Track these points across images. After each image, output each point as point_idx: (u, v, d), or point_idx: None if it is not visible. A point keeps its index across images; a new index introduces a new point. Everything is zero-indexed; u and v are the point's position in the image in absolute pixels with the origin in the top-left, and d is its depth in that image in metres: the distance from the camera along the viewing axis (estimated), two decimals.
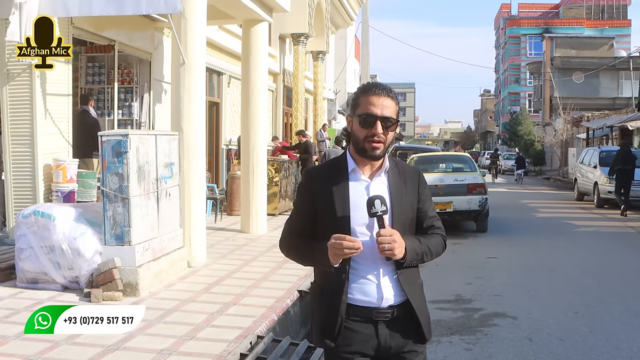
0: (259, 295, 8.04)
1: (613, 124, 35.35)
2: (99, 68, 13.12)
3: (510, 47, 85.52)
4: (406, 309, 3.15)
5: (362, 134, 3.10)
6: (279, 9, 14.00)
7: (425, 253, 3.17)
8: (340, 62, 39.43)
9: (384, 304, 3.12)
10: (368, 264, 3.11)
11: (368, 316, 3.12)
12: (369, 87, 3.16)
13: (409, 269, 3.16)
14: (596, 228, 17.51)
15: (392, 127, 3.12)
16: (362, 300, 3.12)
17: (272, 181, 16.06)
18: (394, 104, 3.13)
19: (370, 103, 3.09)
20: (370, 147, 3.08)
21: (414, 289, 3.19)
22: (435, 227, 3.29)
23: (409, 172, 3.27)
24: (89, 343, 5.98)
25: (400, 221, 3.13)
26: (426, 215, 3.27)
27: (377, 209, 2.97)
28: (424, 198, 3.26)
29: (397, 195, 3.16)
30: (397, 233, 3.00)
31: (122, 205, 7.69)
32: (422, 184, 3.28)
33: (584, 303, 8.98)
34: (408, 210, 3.19)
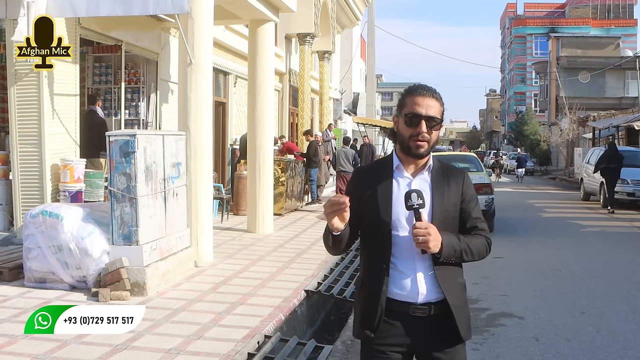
0: (266, 294, 8.06)
1: (619, 123, 35.28)
2: (106, 68, 13.15)
3: (516, 47, 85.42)
4: (444, 307, 3.18)
5: (407, 132, 3.20)
6: (286, 9, 14.02)
7: (465, 251, 3.20)
8: (346, 62, 39.45)
9: (420, 299, 3.16)
10: (406, 258, 3.18)
11: (405, 311, 3.18)
12: (414, 88, 3.25)
13: (448, 266, 3.20)
14: (602, 228, 17.47)
15: (436, 126, 3.20)
16: (400, 294, 3.18)
17: (279, 181, 16.08)
18: (438, 105, 3.21)
19: (415, 103, 3.18)
20: (415, 146, 3.18)
21: (453, 287, 3.22)
22: (479, 229, 3.32)
23: (453, 172, 3.34)
24: (97, 342, 6.00)
25: (440, 218, 3.18)
26: (470, 216, 3.32)
27: (414, 201, 3.06)
28: (468, 199, 3.32)
29: (438, 193, 3.23)
30: (433, 227, 3.06)
31: (130, 205, 7.71)
32: (467, 185, 3.34)
33: (590, 303, 8.97)
34: (450, 208, 3.24)
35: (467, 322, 3.30)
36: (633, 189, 22.22)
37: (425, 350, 3.23)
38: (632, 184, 22.28)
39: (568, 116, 48.68)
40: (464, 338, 3.24)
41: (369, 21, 46.24)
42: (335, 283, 9.12)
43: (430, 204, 3.18)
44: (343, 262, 10.58)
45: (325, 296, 8.70)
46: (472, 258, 3.25)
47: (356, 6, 30.01)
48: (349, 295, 8.75)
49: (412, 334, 3.20)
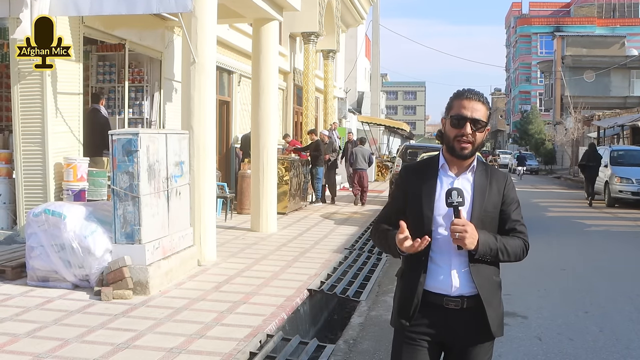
0: (268, 294, 8.05)
1: (624, 122, 35.23)
2: (110, 67, 13.14)
3: (521, 46, 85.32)
4: (477, 302, 3.31)
5: (453, 133, 3.32)
6: (290, 8, 14.01)
7: (501, 251, 3.31)
8: (351, 61, 39.43)
9: (454, 292, 3.29)
10: (443, 253, 3.30)
11: (439, 303, 3.30)
12: (462, 92, 3.38)
13: (484, 264, 3.33)
14: (607, 227, 17.44)
15: (481, 129, 3.31)
16: (435, 287, 3.31)
17: (282, 180, 16.08)
18: (484, 109, 3.33)
19: (461, 106, 3.31)
20: (459, 147, 3.30)
21: (486, 283, 3.35)
22: (517, 231, 3.41)
23: (496, 174, 3.44)
24: (99, 341, 6.01)
25: (479, 217, 3.30)
26: (509, 218, 3.41)
27: (454, 199, 3.17)
28: (509, 201, 3.41)
29: (479, 193, 3.34)
30: (470, 225, 3.18)
31: (133, 203, 7.71)
32: (509, 187, 3.44)
33: (594, 303, 8.95)
34: (490, 208, 3.35)
35: (500, 319, 3.45)
36: (638, 188, 22.19)
37: (455, 342, 3.37)
38: (636, 183, 22.25)
39: (573, 115, 48.59)
40: (494, 334, 3.39)
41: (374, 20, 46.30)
42: (339, 282, 9.11)
43: (470, 203, 3.31)
44: (346, 261, 10.57)
45: (328, 295, 8.69)
46: (507, 258, 3.37)
47: (361, 5, 29.96)
48: (352, 294, 8.75)
49: (445, 325, 3.32)
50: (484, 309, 3.31)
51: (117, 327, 6.50)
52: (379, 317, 8.05)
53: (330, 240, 12.53)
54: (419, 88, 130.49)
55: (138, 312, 7.07)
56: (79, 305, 7.24)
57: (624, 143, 35.96)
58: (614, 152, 24.86)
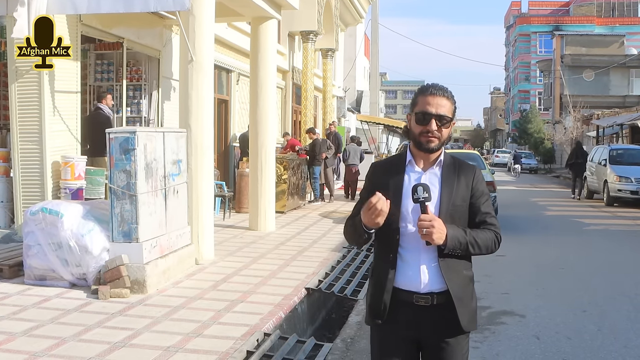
0: (266, 292, 8.04)
1: (623, 122, 35.21)
2: (108, 65, 13.12)
3: (520, 45, 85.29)
4: (447, 298, 3.28)
5: (418, 130, 3.33)
6: (288, 7, 13.99)
7: (471, 244, 3.28)
8: (350, 60, 39.40)
9: (424, 289, 3.28)
10: (411, 249, 3.30)
11: (409, 300, 3.30)
12: (426, 87, 3.39)
13: (454, 258, 3.29)
14: (606, 226, 17.43)
15: (446, 124, 3.32)
16: (405, 283, 3.30)
17: (281, 179, 16.06)
18: (449, 104, 3.34)
19: (426, 102, 3.32)
20: (426, 141, 3.30)
21: (457, 279, 3.31)
22: (487, 223, 3.40)
23: (464, 168, 3.44)
24: (96, 340, 6.00)
25: (447, 212, 3.29)
26: (479, 211, 3.39)
27: (419, 194, 3.17)
28: (478, 194, 3.40)
29: (447, 187, 3.33)
30: (438, 220, 3.16)
31: (130, 202, 7.70)
32: (478, 180, 3.42)
33: (592, 302, 8.94)
34: (458, 202, 3.34)
35: (471, 314, 3.38)
36: (636, 187, 22.19)
37: (428, 338, 3.35)
38: (635, 182, 22.25)
39: (572, 114, 48.58)
40: (465, 329, 3.34)
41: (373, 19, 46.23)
42: (337, 281, 9.10)
43: (438, 198, 3.29)
44: (344, 260, 10.56)
45: (326, 294, 8.68)
46: (479, 251, 3.33)
47: (359, 4, 29.93)
48: (350, 293, 8.73)
49: (417, 322, 3.31)
50: (453, 304, 3.27)
51: (114, 325, 6.49)
52: None
53: (329, 239, 12.51)
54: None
55: (135, 310, 7.06)
56: (76, 304, 7.23)
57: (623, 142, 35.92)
58: (613, 151, 24.85)
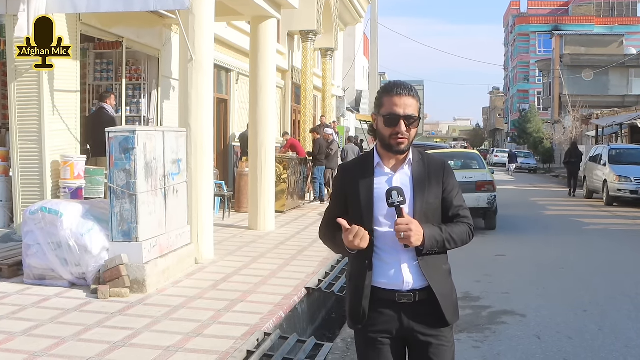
0: (266, 292, 8.03)
1: (622, 121, 35.22)
2: (107, 64, 13.10)
3: (519, 45, 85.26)
4: (429, 294, 3.28)
5: (387, 132, 3.28)
6: (288, 6, 13.98)
7: (447, 240, 3.29)
8: (349, 60, 39.39)
9: (405, 287, 3.27)
10: (389, 250, 3.28)
11: (391, 298, 3.29)
12: (390, 87, 3.31)
13: (432, 255, 3.29)
14: (605, 226, 17.42)
15: (414, 123, 3.29)
16: (385, 283, 3.29)
17: (280, 178, 16.04)
18: (415, 102, 3.29)
19: (393, 103, 3.26)
20: (396, 144, 3.27)
21: (437, 274, 3.31)
22: (460, 216, 3.39)
23: (434, 163, 3.41)
24: (95, 340, 5.98)
25: (422, 211, 3.28)
26: (452, 205, 3.38)
27: (395, 199, 3.14)
28: (449, 188, 3.38)
29: (419, 186, 3.31)
30: (414, 222, 3.15)
31: (130, 201, 7.68)
32: (448, 174, 3.39)
33: (593, 301, 8.93)
34: (431, 200, 3.33)
35: (453, 307, 3.39)
36: (636, 187, 22.18)
37: (413, 334, 3.33)
38: (635, 181, 22.24)
39: (571, 114, 48.59)
40: (449, 322, 3.34)
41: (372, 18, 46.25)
42: (337, 280, 9.08)
43: (411, 198, 3.28)
44: (345, 259, 10.54)
45: (326, 294, 8.66)
46: (455, 246, 3.34)
47: (359, 3, 29.93)
48: None
49: (400, 319, 3.31)
50: (436, 299, 3.27)
51: (114, 325, 6.47)
52: None
53: None
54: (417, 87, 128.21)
55: (135, 310, 7.04)
56: (75, 303, 7.21)
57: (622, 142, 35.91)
58: (613, 150, 24.84)
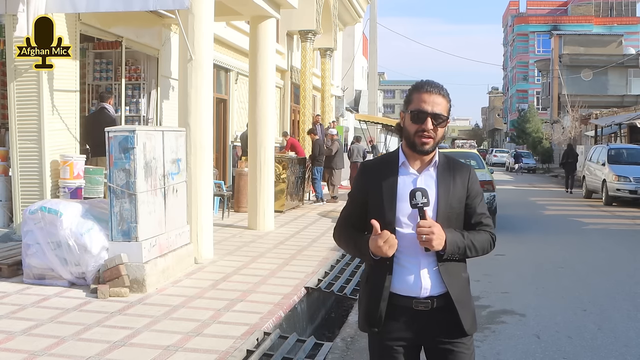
0: (265, 291, 8.03)
1: (621, 121, 35.24)
2: (107, 64, 13.11)
3: (518, 45, 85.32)
4: (446, 301, 3.20)
5: (413, 129, 3.20)
6: (287, 6, 13.98)
7: (469, 247, 3.22)
8: (348, 59, 39.37)
9: (423, 293, 3.18)
10: (410, 253, 3.19)
11: (408, 305, 3.20)
12: (421, 84, 3.24)
13: (452, 262, 3.22)
14: (605, 226, 17.43)
15: (442, 123, 3.20)
16: (403, 289, 3.20)
17: (280, 178, 16.05)
18: (445, 102, 3.21)
19: (422, 100, 3.18)
20: (420, 142, 3.18)
21: (456, 282, 3.25)
22: (483, 224, 3.32)
23: (459, 168, 3.33)
24: (95, 339, 5.98)
25: (445, 215, 3.20)
26: (474, 212, 3.31)
27: (418, 200, 3.06)
28: (473, 194, 3.32)
29: (443, 189, 3.23)
30: (437, 225, 3.07)
31: (129, 201, 7.68)
32: (473, 180, 3.33)
33: (592, 301, 8.93)
34: (455, 204, 3.25)
35: (472, 316, 3.31)
36: (635, 186, 22.19)
37: (431, 343, 3.26)
38: (634, 181, 22.25)
39: (570, 114, 48.61)
40: (467, 332, 3.25)
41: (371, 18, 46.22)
42: (336, 280, 9.08)
43: (435, 201, 3.19)
44: (344, 259, 10.54)
45: (326, 293, 8.66)
46: (475, 254, 3.27)
47: (358, 3, 29.96)
48: (350, 292, 8.72)
49: (416, 327, 3.22)
50: (454, 307, 3.19)
51: (114, 324, 6.47)
52: None
53: (328, 238, 12.48)
54: None
55: (134, 309, 7.04)
56: (75, 303, 7.21)
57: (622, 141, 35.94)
58: (612, 150, 24.85)
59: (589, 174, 25.72)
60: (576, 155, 30.11)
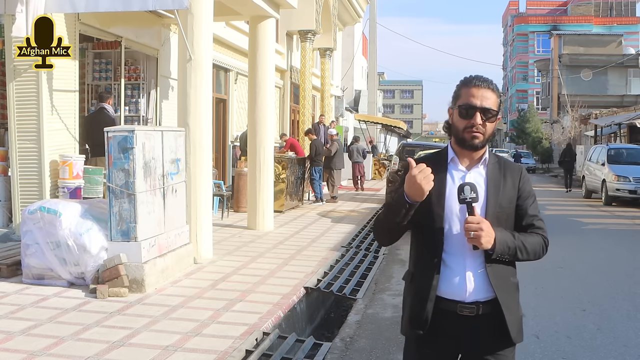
0: (265, 291, 8.03)
1: (621, 121, 35.26)
2: (106, 64, 13.11)
3: (518, 45, 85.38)
4: (493, 307, 3.08)
5: (462, 124, 3.11)
6: (286, 5, 13.97)
7: (520, 249, 3.09)
8: (348, 59, 39.39)
9: (469, 297, 3.07)
10: (456, 254, 3.08)
11: (452, 309, 3.08)
12: (470, 79, 3.16)
13: (501, 264, 3.10)
14: (604, 226, 17.43)
15: (491, 118, 3.11)
16: (447, 291, 3.08)
17: (279, 178, 16.05)
18: (494, 96, 3.12)
19: (470, 94, 3.09)
20: (470, 137, 3.09)
21: (504, 286, 3.11)
22: (535, 227, 3.20)
23: (510, 167, 3.24)
24: (94, 339, 5.98)
25: (494, 214, 3.10)
26: (526, 213, 3.20)
27: (467, 195, 2.97)
28: (525, 195, 3.22)
29: (493, 188, 3.13)
30: (486, 222, 2.98)
31: (128, 201, 7.68)
32: (525, 180, 3.24)
33: (592, 301, 8.93)
34: (505, 204, 3.15)
35: (519, 324, 3.18)
36: (635, 186, 22.20)
37: (472, 351, 3.14)
38: (633, 181, 22.26)
39: (570, 114, 48.64)
40: (514, 340, 3.13)
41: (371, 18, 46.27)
42: (335, 280, 9.09)
43: (484, 200, 3.09)
44: (343, 259, 10.55)
45: (325, 293, 8.67)
46: (527, 257, 3.13)
47: (358, 3, 29.96)
48: (349, 292, 8.72)
49: (459, 333, 3.11)
50: (501, 314, 3.06)
51: (113, 324, 6.47)
52: (375, 315, 8.03)
53: (327, 238, 12.50)
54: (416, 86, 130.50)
55: (134, 309, 7.04)
56: (74, 303, 7.21)
57: (621, 141, 35.96)
58: (611, 150, 24.86)
59: (588, 174, 25.72)
60: (574, 155, 31.09)
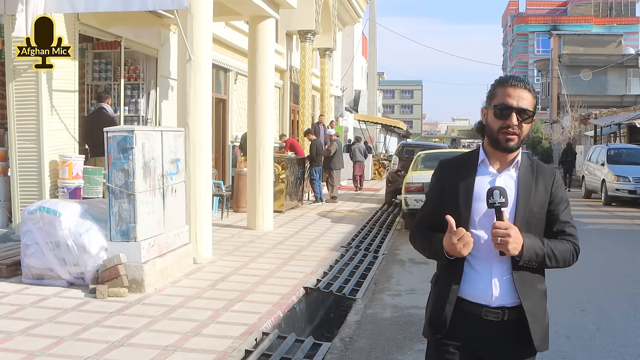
0: (264, 291, 8.03)
1: (621, 121, 35.25)
2: (106, 64, 13.10)
3: (517, 45, 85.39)
4: (518, 314, 3.01)
5: (497, 125, 3.04)
6: (286, 5, 13.97)
7: (549, 256, 3.00)
8: (347, 59, 39.40)
9: (494, 302, 3.01)
10: (483, 258, 3.02)
11: (477, 313, 3.02)
12: (506, 79, 3.09)
13: (528, 271, 3.02)
14: (604, 225, 17.43)
15: (527, 119, 3.05)
16: (472, 295, 3.03)
17: (279, 178, 16.05)
18: (530, 97, 3.04)
19: (506, 94, 3.02)
20: (505, 139, 3.02)
21: (531, 293, 3.03)
22: (566, 234, 3.10)
23: (543, 171, 3.15)
24: (93, 339, 5.98)
25: (524, 219, 3.02)
26: (557, 219, 3.11)
27: (496, 199, 2.90)
28: (557, 200, 3.12)
29: (524, 191, 3.05)
30: (514, 228, 2.89)
31: (128, 201, 7.68)
32: (558, 185, 3.15)
33: (591, 301, 8.93)
34: (536, 209, 3.06)
35: (544, 333, 3.10)
36: (634, 186, 22.19)
37: (493, 357, 3.08)
38: (633, 181, 22.25)
39: (570, 114, 48.62)
40: (537, 349, 3.06)
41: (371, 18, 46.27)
42: (335, 280, 9.09)
43: (514, 203, 3.02)
44: (343, 259, 10.55)
45: (324, 293, 8.67)
46: (555, 264, 3.04)
47: (357, 3, 29.95)
48: (349, 292, 8.72)
49: (482, 338, 3.04)
50: (526, 321, 2.99)
51: (112, 324, 6.47)
52: (375, 315, 8.03)
53: (327, 239, 12.51)
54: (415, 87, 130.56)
55: (133, 309, 7.04)
56: (73, 303, 7.21)
57: (621, 141, 35.96)
58: (611, 150, 24.85)
59: (588, 174, 25.71)
60: (574, 154, 31.88)
